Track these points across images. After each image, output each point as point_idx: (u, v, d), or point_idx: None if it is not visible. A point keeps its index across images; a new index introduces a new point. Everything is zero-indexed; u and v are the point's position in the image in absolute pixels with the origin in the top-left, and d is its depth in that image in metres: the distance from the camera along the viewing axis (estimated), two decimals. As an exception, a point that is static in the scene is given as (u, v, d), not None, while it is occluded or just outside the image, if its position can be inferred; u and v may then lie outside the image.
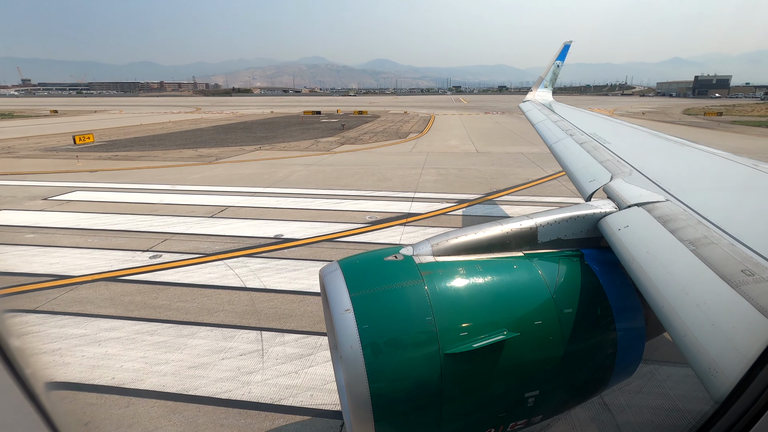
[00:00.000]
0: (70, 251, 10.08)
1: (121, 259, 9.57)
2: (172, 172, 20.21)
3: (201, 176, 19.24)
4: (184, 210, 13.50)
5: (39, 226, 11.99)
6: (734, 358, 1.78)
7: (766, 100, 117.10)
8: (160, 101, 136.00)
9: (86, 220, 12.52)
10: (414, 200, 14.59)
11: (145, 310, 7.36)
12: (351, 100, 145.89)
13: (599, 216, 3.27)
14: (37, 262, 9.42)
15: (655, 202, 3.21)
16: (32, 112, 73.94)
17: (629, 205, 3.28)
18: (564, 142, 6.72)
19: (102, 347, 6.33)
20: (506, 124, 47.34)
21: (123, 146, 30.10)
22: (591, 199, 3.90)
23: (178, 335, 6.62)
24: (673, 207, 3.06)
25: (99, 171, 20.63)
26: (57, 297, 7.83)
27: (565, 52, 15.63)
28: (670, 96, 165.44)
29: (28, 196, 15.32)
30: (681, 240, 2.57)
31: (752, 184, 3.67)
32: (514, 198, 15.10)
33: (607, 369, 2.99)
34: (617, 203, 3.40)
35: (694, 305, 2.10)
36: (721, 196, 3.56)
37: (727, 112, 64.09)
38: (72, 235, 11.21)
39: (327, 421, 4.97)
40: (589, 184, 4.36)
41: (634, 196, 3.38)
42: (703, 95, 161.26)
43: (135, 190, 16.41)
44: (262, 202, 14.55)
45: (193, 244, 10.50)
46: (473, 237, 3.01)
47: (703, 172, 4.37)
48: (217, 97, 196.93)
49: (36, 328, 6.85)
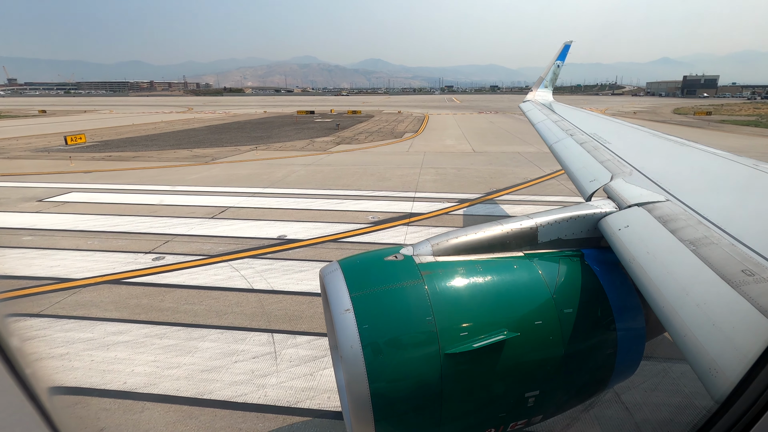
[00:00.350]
0: (71, 253, 9.91)
1: (124, 261, 9.43)
2: (168, 173, 19.98)
3: (198, 177, 19.05)
4: (184, 211, 13.35)
5: (36, 228, 11.78)
6: (734, 358, 1.78)
7: (752, 100, 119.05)
8: (150, 101, 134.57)
9: (85, 221, 12.33)
10: (415, 200, 14.58)
11: (153, 313, 7.25)
12: (344, 99, 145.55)
13: (599, 216, 3.27)
14: (36, 265, 9.24)
15: (655, 202, 3.21)
16: (20, 112, 72.69)
17: (629, 205, 3.28)
18: (564, 142, 6.72)
19: (111, 351, 6.22)
20: (501, 123, 47.57)
21: (116, 147, 29.71)
22: (591, 199, 3.90)
23: (188, 338, 6.54)
24: (674, 207, 3.06)
25: (93, 172, 20.33)
26: (60, 300, 7.69)
27: (565, 52, 15.68)
28: (659, 95, 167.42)
29: (22, 198, 15.05)
30: (681, 240, 2.57)
31: (752, 184, 3.66)
32: (515, 197, 15.17)
33: (607, 369, 3.00)
34: (617, 203, 3.40)
35: (694, 305, 2.10)
36: (722, 196, 3.57)
37: (715, 112, 65.07)
38: (71, 237, 11.02)
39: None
40: (589, 184, 4.37)
41: (635, 196, 3.38)
42: (691, 95, 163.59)
43: (132, 191, 16.19)
44: (263, 202, 14.44)
45: (195, 245, 10.38)
46: (473, 237, 3.02)
47: (703, 172, 4.38)
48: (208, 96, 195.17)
49: (41, 332, 6.72)
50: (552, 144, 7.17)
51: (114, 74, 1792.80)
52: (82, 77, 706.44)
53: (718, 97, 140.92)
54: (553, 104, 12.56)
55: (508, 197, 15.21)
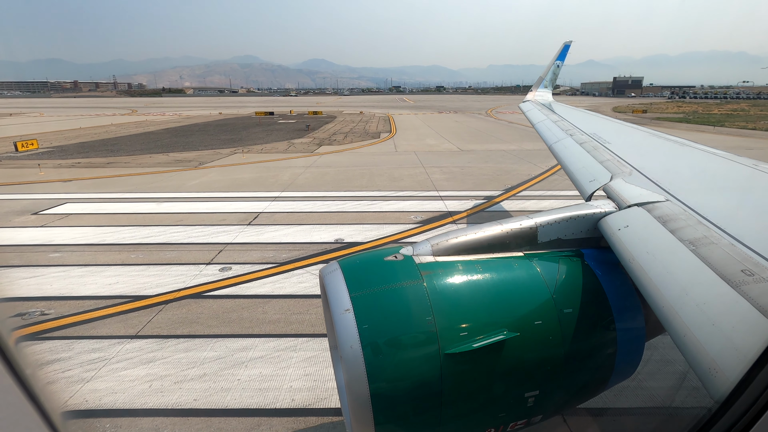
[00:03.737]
0: (120, 269, 9.06)
1: (188, 274, 8.78)
2: (162, 179, 18.66)
3: (198, 182, 17.99)
4: (213, 219, 12.61)
5: (55, 243, 10.60)
6: (734, 358, 1.78)
7: (672, 99, 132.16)
8: (82, 103, 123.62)
9: (110, 234, 11.27)
10: (443, 198, 14.81)
11: (266, 326, 6.87)
12: (295, 100, 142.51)
13: (599, 216, 3.27)
14: (90, 283, 8.36)
15: (655, 202, 3.20)
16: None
17: (629, 205, 3.27)
18: (564, 142, 6.73)
19: (249, 368, 5.83)
20: (467, 123, 48.95)
21: (75, 153, 27.14)
22: (591, 199, 3.88)
23: (322, 348, 6.28)
24: (673, 207, 3.05)
25: (74, 180, 18.50)
26: (151, 319, 7.05)
27: (565, 52, 16.12)
28: (593, 95, 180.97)
29: (12, 212, 13.41)
30: (681, 240, 2.57)
31: (752, 184, 3.69)
32: (534, 193, 15.84)
33: (607, 369, 3.00)
34: (617, 203, 3.40)
35: (694, 305, 2.10)
36: (721, 196, 3.59)
37: (648, 110, 71.65)
38: (106, 252, 10.05)
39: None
40: (589, 184, 4.36)
41: (634, 196, 3.37)
42: (621, 94, 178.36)
43: (137, 200, 14.98)
44: (292, 206, 13.97)
45: (254, 253, 9.89)
46: (473, 237, 3.02)
47: (703, 172, 4.41)
48: (146, 98, 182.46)
49: (154, 355, 6.13)
50: (552, 144, 7.19)
51: (29, 73, 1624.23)
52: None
53: (643, 97, 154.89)
54: (553, 104, 12.81)
55: (528, 193, 15.87)
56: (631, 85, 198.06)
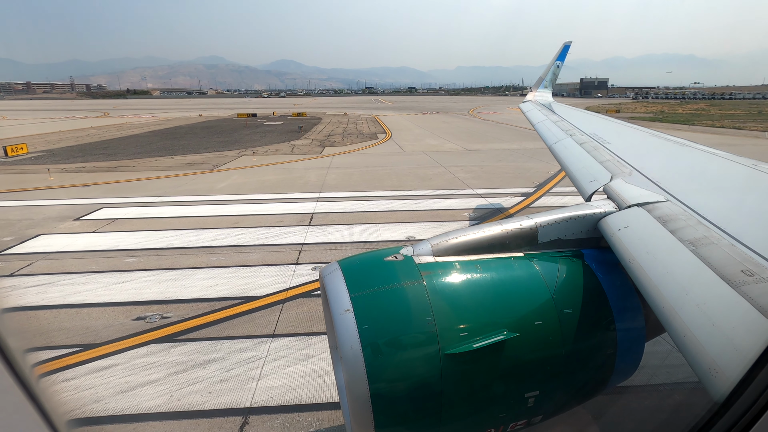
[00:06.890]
0: (212, 271, 8.95)
1: (284, 274, 8.80)
2: (186, 182, 18.25)
3: (227, 185, 17.73)
4: (270, 220, 12.55)
5: (120, 248, 10.31)
6: (734, 358, 1.78)
7: (637, 99, 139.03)
8: (42, 105, 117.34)
9: (174, 237, 11.03)
10: (485, 196, 15.27)
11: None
12: (269, 102, 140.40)
13: (599, 216, 3.28)
14: (190, 286, 8.24)
15: (655, 202, 3.21)
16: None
17: (629, 205, 3.28)
18: (564, 143, 6.73)
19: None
20: (456, 123, 49.84)
21: (70, 157, 25.99)
22: (591, 199, 3.88)
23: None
24: (673, 207, 3.05)
25: (92, 185, 17.80)
26: (279, 318, 7.08)
27: (565, 52, 16.04)
28: (562, 96, 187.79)
29: (49, 218, 12.85)
30: (681, 240, 2.57)
31: (752, 184, 3.69)
32: (565, 189, 16.54)
33: (607, 369, 3.01)
34: (617, 203, 3.40)
35: (694, 305, 2.10)
36: (721, 196, 3.59)
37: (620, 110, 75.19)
38: (181, 255, 9.88)
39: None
40: (589, 184, 4.34)
41: (634, 197, 3.38)
42: (588, 95, 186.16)
43: (178, 203, 14.65)
44: (339, 207, 14.05)
45: (336, 253, 9.98)
46: (473, 237, 3.03)
47: (703, 172, 4.41)
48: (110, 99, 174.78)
49: (306, 351, 6.20)
50: (552, 144, 7.18)
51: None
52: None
53: (609, 97, 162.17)
54: (553, 104, 12.75)
55: (560, 189, 16.56)
56: (598, 86, 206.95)
